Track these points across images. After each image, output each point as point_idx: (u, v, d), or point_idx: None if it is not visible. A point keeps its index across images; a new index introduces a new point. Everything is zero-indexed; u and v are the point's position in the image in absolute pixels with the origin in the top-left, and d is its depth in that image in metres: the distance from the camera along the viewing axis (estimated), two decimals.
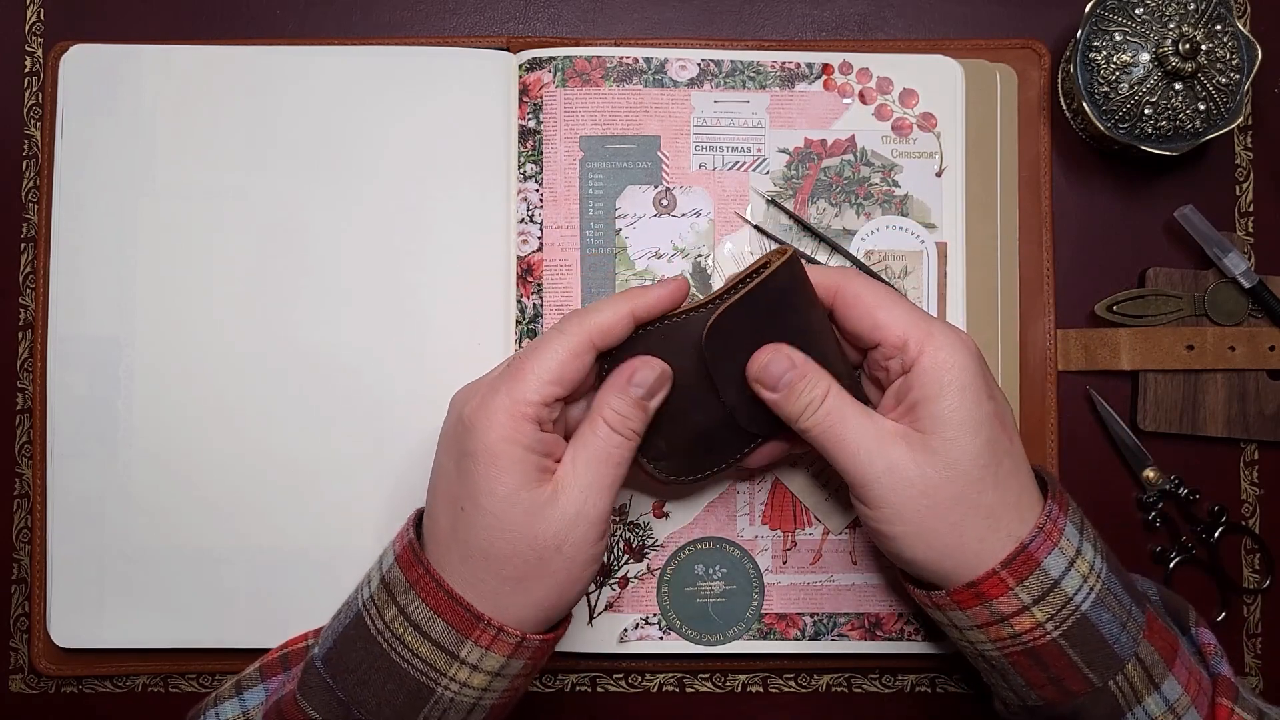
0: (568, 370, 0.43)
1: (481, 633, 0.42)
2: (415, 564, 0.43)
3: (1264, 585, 0.56)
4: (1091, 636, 0.43)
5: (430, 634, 0.42)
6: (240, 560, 0.54)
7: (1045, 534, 0.43)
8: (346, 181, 0.55)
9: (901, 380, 0.44)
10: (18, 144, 0.57)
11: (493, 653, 0.43)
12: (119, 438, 0.54)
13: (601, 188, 0.55)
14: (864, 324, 0.45)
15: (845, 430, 0.44)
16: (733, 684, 0.56)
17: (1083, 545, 0.44)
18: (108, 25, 0.57)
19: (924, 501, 0.43)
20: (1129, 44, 0.53)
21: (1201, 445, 0.57)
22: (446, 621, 0.42)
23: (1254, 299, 0.56)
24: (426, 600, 0.43)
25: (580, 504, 0.43)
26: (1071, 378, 0.57)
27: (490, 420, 0.42)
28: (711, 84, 0.55)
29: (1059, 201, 0.57)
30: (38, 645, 0.55)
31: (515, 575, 0.43)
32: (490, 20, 0.58)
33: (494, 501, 0.42)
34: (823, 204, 0.55)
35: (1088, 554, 0.43)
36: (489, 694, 0.44)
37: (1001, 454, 0.43)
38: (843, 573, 0.54)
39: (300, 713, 0.44)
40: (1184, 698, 0.43)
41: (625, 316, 0.44)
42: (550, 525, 0.42)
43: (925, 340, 0.44)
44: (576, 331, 0.43)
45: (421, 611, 0.43)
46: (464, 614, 0.42)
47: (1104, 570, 0.43)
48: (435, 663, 0.42)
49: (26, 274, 0.57)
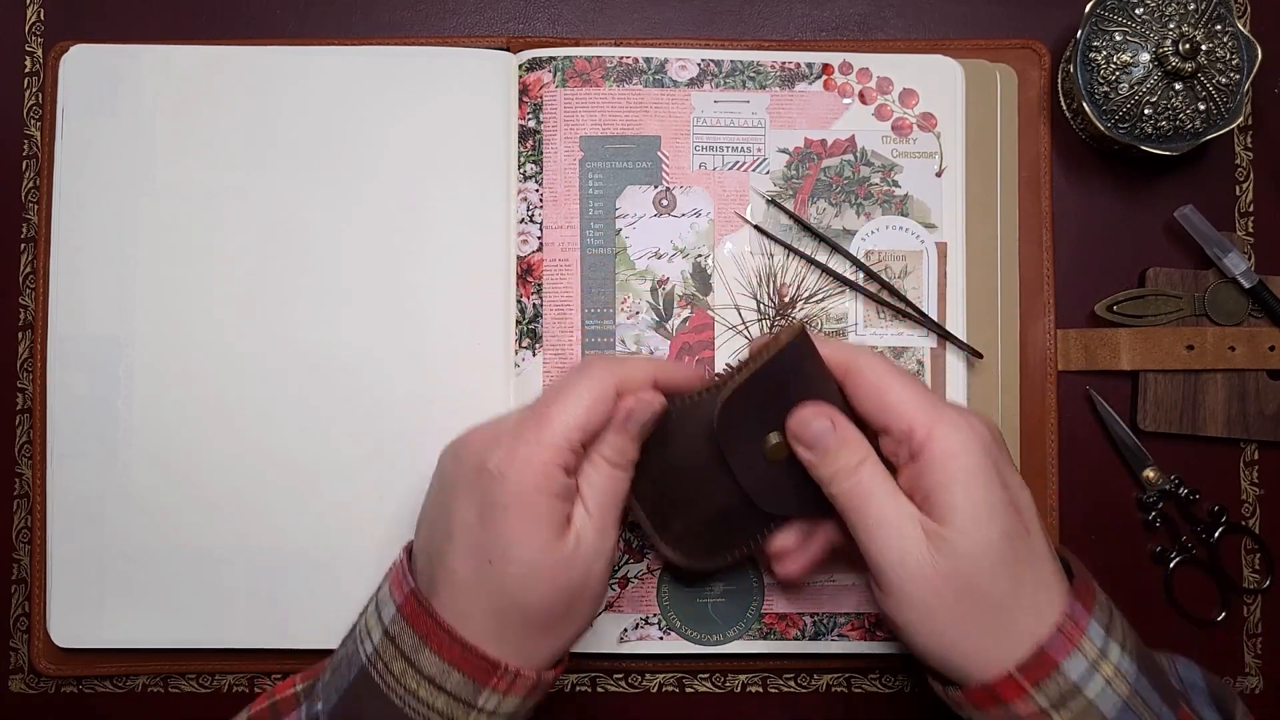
0: (594, 416, 0.43)
1: (499, 679, 0.42)
2: (423, 615, 0.42)
3: (1264, 585, 0.56)
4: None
5: (445, 686, 0.42)
6: (240, 560, 0.54)
7: (1065, 635, 0.41)
8: (346, 181, 0.55)
9: (911, 467, 0.43)
10: (18, 144, 0.57)
11: (511, 696, 0.42)
12: (119, 438, 0.54)
13: (601, 188, 0.55)
14: (871, 405, 0.44)
15: (871, 505, 0.42)
16: (733, 684, 0.56)
17: (1108, 646, 0.41)
18: (108, 25, 0.57)
19: (933, 593, 0.41)
20: (1129, 44, 0.53)
21: (1201, 445, 0.57)
22: (463, 673, 0.42)
23: (1254, 299, 0.56)
24: (440, 653, 0.42)
25: (599, 544, 0.43)
26: (1071, 378, 0.57)
27: (523, 470, 0.41)
28: (711, 84, 0.55)
29: (1059, 201, 0.57)
30: (38, 645, 0.55)
31: (545, 623, 0.42)
32: (490, 20, 0.58)
33: (529, 553, 0.41)
34: (823, 204, 0.55)
35: (1113, 655, 0.41)
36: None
37: (1018, 545, 0.41)
38: (843, 573, 0.54)
39: None
40: None
41: (650, 376, 0.44)
42: (578, 571, 0.42)
43: (933, 426, 0.42)
44: (604, 377, 0.43)
45: (435, 665, 0.42)
46: (480, 663, 0.42)
47: (1133, 673, 0.41)
48: (453, 714, 0.42)
49: (26, 274, 0.57)
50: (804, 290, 0.55)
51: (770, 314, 0.55)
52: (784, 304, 0.55)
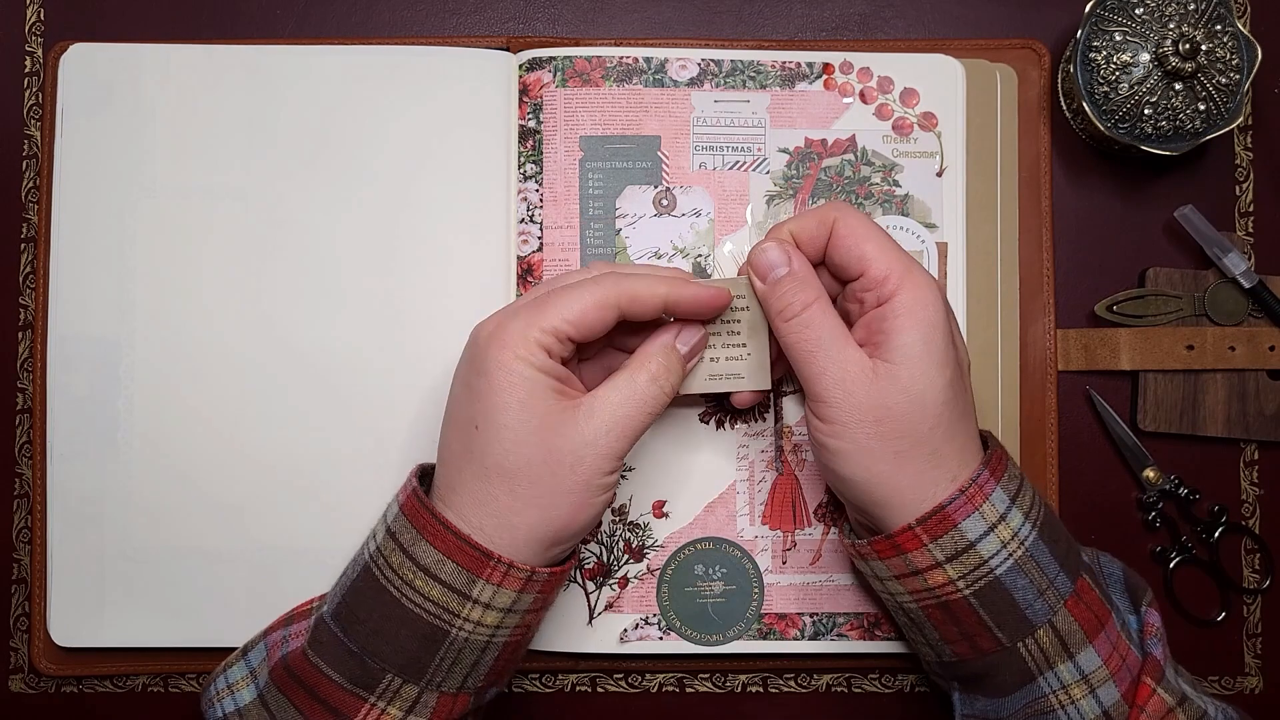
0: (588, 317, 0.44)
1: (492, 570, 0.43)
2: (421, 510, 0.44)
3: (1264, 585, 0.56)
4: (1002, 599, 0.44)
5: (441, 576, 0.43)
6: (240, 560, 0.54)
7: (967, 497, 0.44)
8: (346, 182, 0.55)
9: (875, 312, 0.45)
10: (18, 144, 0.57)
11: (505, 589, 0.43)
12: (119, 438, 0.54)
13: (601, 188, 0.55)
14: (852, 254, 0.46)
15: (818, 344, 0.45)
16: (733, 684, 0.56)
17: (1010, 512, 0.44)
18: (107, 25, 0.57)
19: (874, 424, 0.43)
20: (1129, 44, 0.53)
21: (1201, 445, 0.57)
22: (457, 563, 0.43)
23: (1254, 299, 0.56)
24: (435, 544, 0.43)
25: (603, 433, 0.43)
26: (1071, 378, 0.57)
27: (504, 340, 0.43)
28: (711, 84, 0.55)
29: (1059, 201, 0.57)
30: (38, 645, 0.55)
31: (529, 492, 0.43)
32: (490, 20, 0.58)
33: (508, 415, 0.43)
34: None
35: (1014, 521, 0.44)
36: (502, 630, 0.44)
37: (959, 398, 0.44)
38: (842, 573, 0.54)
39: (312, 668, 0.45)
40: (1102, 670, 0.44)
41: (659, 298, 0.45)
42: (567, 441, 0.43)
43: (905, 277, 0.44)
44: (609, 288, 0.44)
45: (430, 555, 0.43)
46: (473, 553, 0.43)
47: (1030, 538, 0.44)
48: (448, 605, 0.43)
49: (26, 274, 0.57)
50: None
51: None
52: None
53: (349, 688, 0.44)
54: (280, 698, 0.45)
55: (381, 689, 0.44)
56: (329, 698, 0.44)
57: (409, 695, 0.44)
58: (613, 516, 0.54)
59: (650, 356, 0.46)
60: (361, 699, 0.44)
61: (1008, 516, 0.44)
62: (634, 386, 0.45)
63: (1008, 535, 0.44)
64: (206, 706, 0.48)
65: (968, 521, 0.44)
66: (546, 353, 0.44)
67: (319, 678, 0.44)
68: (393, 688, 0.44)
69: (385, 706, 0.44)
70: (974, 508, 0.44)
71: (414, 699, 0.44)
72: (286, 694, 0.45)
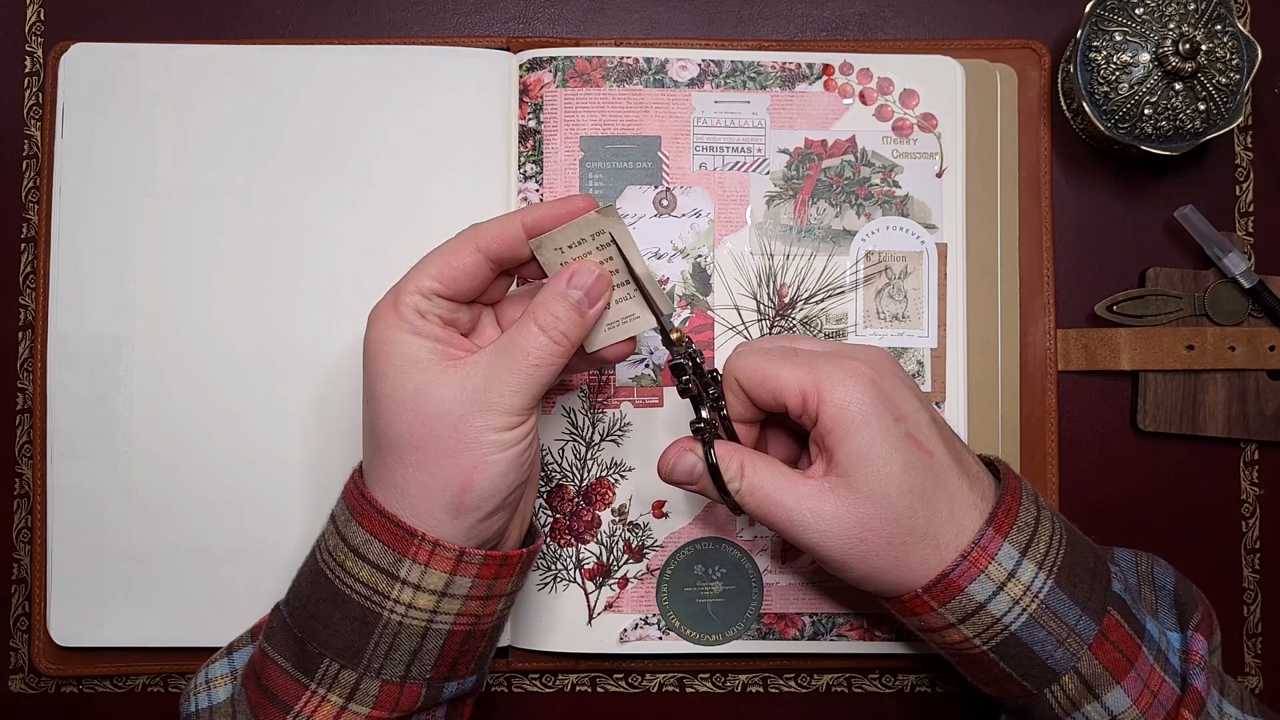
0: (450, 267, 0.43)
1: (417, 549, 0.43)
2: (355, 492, 0.44)
3: (1264, 585, 0.56)
4: (1021, 652, 0.44)
5: (368, 556, 0.43)
6: (240, 560, 0.54)
7: (970, 561, 0.43)
8: (346, 181, 0.55)
9: (813, 433, 0.44)
10: (18, 144, 0.57)
11: (433, 569, 0.43)
12: (119, 438, 0.54)
13: (601, 188, 0.55)
14: (766, 396, 0.45)
15: (771, 498, 0.44)
16: (733, 684, 0.56)
17: (1020, 567, 0.43)
18: (108, 25, 0.57)
19: (855, 537, 0.43)
20: (1129, 44, 0.53)
21: (1201, 445, 0.57)
22: (383, 542, 0.43)
23: (1254, 299, 0.56)
24: (363, 523, 0.43)
25: (480, 389, 0.42)
26: (1071, 378, 0.57)
27: (379, 313, 0.44)
28: (712, 84, 0.55)
29: (1059, 201, 0.57)
30: (38, 645, 0.55)
31: (416, 458, 0.43)
32: (490, 20, 0.58)
33: (385, 385, 0.43)
34: (823, 204, 0.55)
35: (1025, 575, 0.43)
36: (440, 616, 0.43)
37: (922, 473, 0.43)
38: None
39: (264, 656, 0.45)
40: (1132, 710, 0.44)
41: (515, 226, 0.44)
42: (442, 403, 0.42)
43: (819, 388, 0.43)
44: (467, 235, 0.44)
45: (359, 535, 0.43)
46: (398, 532, 0.43)
47: (1045, 589, 0.43)
48: (377, 585, 0.43)
49: (26, 274, 0.57)
50: (804, 291, 0.55)
51: (770, 314, 0.55)
52: (784, 304, 0.55)
53: (292, 673, 0.44)
54: (244, 698, 0.46)
55: (320, 674, 0.43)
56: (272, 685, 0.44)
57: (347, 681, 0.43)
58: (613, 516, 0.54)
59: (538, 305, 0.44)
60: (303, 685, 0.44)
61: (1018, 572, 0.43)
62: (517, 338, 0.43)
63: (1019, 591, 0.43)
64: (184, 700, 0.48)
65: (974, 585, 0.43)
66: (421, 315, 0.43)
67: (267, 665, 0.45)
68: (330, 673, 0.43)
69: (325, 694, 0.44)
70: (978, 570, 0.43)
71: (353, 685, 0.43)
72: (246, 692, 0.45)
